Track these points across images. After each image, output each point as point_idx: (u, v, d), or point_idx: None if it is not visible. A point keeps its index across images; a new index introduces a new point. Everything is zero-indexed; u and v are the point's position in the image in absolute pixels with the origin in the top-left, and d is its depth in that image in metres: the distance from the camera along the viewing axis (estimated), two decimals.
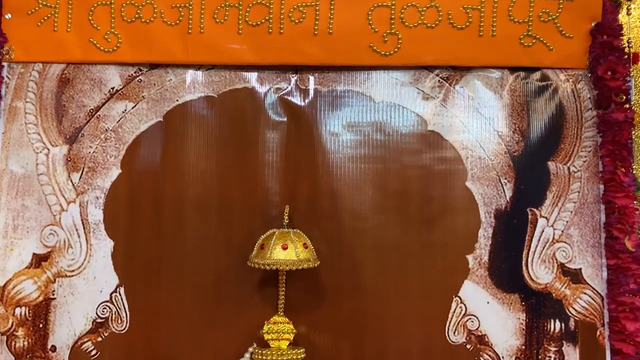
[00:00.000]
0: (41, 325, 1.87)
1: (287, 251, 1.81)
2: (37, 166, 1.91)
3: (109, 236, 1.91)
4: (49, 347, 1.87)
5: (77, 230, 1.90)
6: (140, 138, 1.93)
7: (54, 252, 1.89)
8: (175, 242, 1.91)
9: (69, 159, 1.92)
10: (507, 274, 1.91)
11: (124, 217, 1.92)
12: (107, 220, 1.91)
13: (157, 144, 1.93)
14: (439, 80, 1.95)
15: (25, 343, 1.86)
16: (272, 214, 1.91)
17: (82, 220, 1.90)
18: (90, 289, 1.89)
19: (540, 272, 1.91)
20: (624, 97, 1.88)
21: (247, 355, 1.83)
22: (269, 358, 1.80)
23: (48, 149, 1.91)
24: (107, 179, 1.92)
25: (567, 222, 1.91)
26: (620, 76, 1.88)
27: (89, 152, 1.92)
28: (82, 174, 1.92)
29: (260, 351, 1.81)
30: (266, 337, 1.83)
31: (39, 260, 1.89)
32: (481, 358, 1.89)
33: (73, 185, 1.91)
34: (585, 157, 1.92)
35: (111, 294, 1.89)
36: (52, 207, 1.90)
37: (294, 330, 1.84)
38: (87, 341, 1.88)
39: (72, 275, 1.89)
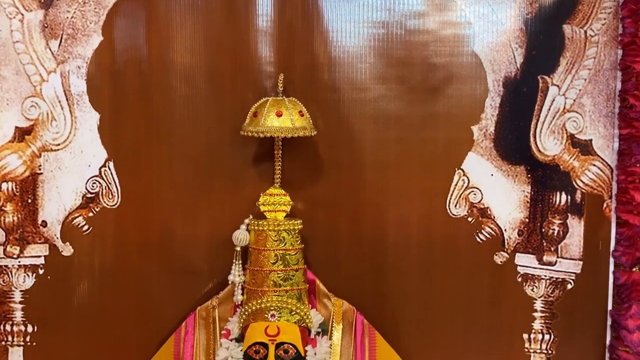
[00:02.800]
0: (30, 201, 1.82)
1: (282, 118, 1.74)
2: (12, 33, 1.78)
3: (94, 108, 1.82)
4: (39, 222, 1.83)
5: (59, 102, 1.81)
6: (121, 1, 1.79)
7: (37, 125, 1.81)
8: (164, 114, 1.84)
9: (45, 25, 1.79)
10: (513, 146, 1.84)
11: (108, 88, 1.82)
12: (91, 92, 1.81)
13: (139, 8, 1.80)
14: None
15: (15, 218, 1.82)
16: (265, 85, 1.82)
17: (64, 91, 1.81)
18: (77, 164, 1.83)
19: (548, 143, 1.84)
20: None
21: (243, 227, 1.80)
22: (265, 228, 1.77)
23: (22, 14, 1.78)
24: (88, 47, 1.80)
25: (580, 90, 1.82)
26: None
27: (67, 18, 1.79)
28: (61, 41, 1.79)
29: (256, 222, 1.78)
30: (262, 208, 1.79)
31: (22, 134, 1.81)
32: (483, 231, 1.87)
33: (52, 53, 1.79)
34: (605, 19, 1.80)
35: (100, 169, 1.84)
36: (32, 77, 1.79)
37: (291, 202, 1.80)
38: (78, 216, 1.84)
39: (57, 149, 1.82)
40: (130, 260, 1.86)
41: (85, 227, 1.85)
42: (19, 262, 1.83)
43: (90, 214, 1.85)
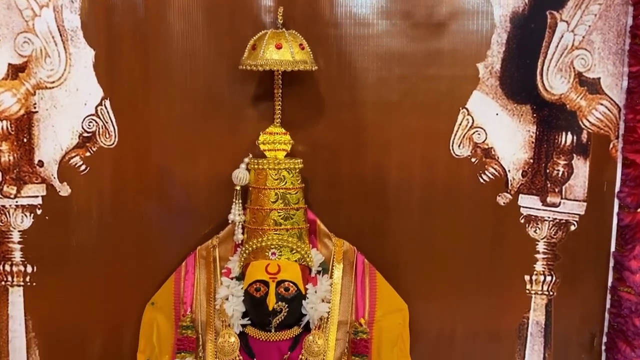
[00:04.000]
0: (25, 140, 1.79)
1: (282, 51, 1.68)
2: None
3: (89, 44, 1.77)
4: (36, 162, 1.80)
5: (53, 37, 1.75)
6: None
7: (30, 62, 1.76)
8: (161, 51, 1.78)
9: None
10: (519, 84, 1.80)
11: (103, 23, 1.77)
12: (86, 27, 1.76)
13: None
14: None
15: (11, 158, 1.79)
16: (264, 20, 1.76)
17: (57, 26, 1.75)
18: (73, 102, 1.78)
19: (555, 82, 1.79)
20: None
21: (243, 165, 1.77)
22: (265, 167, 1.74)
23: None
24: None
25: (589, 26, 1.77)
26: None
27: None
28: None
29: (256, 161, 1.75)
30: (262, 147, 1.76)
31: (15, 71, 1.76)
32: (486, 171, 1.84)
33: None
34: None
35: (96, 107, 1.79)
36: (24, 12, 1.74)
37: (291, 141, 1.77)
38: (75, 156, 1.81)
39: (52, 87, 1.77)
40: (128, 200, 1.84)
41: (83, 167, 1.81)
42: (17, 202, 1.81)
43: (88, 154, 1.81)
